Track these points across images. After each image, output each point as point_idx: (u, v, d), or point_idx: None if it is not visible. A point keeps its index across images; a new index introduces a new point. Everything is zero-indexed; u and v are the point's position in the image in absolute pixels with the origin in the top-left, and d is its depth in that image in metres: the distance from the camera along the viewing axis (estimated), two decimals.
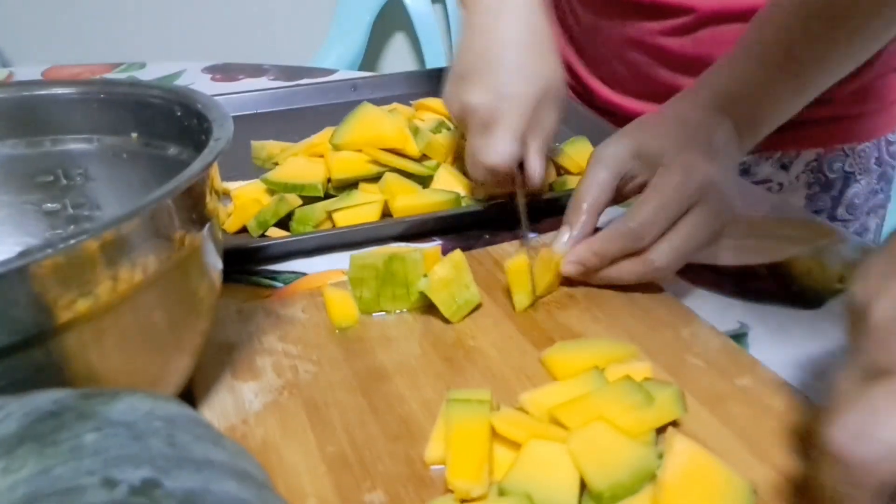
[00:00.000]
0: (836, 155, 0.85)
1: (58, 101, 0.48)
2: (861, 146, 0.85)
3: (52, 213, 0.50)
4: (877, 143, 0.86)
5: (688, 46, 0.80)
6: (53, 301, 0.32)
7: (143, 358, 0.38)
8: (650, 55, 0.83)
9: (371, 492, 0.38)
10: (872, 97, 0.83)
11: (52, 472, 0.22)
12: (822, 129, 0.84)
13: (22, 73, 1.08)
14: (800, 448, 0.40)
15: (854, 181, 0.86)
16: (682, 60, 0.81)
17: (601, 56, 0.88)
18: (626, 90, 0.88)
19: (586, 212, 0.53)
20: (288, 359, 0.48)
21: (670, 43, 0.81)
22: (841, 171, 0.85)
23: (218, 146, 0.39)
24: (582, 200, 0.53)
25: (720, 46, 0.78)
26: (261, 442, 0.42)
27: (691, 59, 0.80)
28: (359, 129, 0.67)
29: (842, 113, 0.83)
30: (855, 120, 0.84)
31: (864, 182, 0.87)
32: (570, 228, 0.53)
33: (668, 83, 0.83)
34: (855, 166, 0.85)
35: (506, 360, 0.47)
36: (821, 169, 0.85)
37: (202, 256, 0.40)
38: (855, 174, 0.86)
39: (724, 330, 0.50)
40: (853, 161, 0.85)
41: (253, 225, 0.62)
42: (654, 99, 0.85)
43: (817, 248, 0.59)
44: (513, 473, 0.37)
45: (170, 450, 0.24)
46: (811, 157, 0.84)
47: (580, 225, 0.53)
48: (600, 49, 0.88)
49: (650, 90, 0.85)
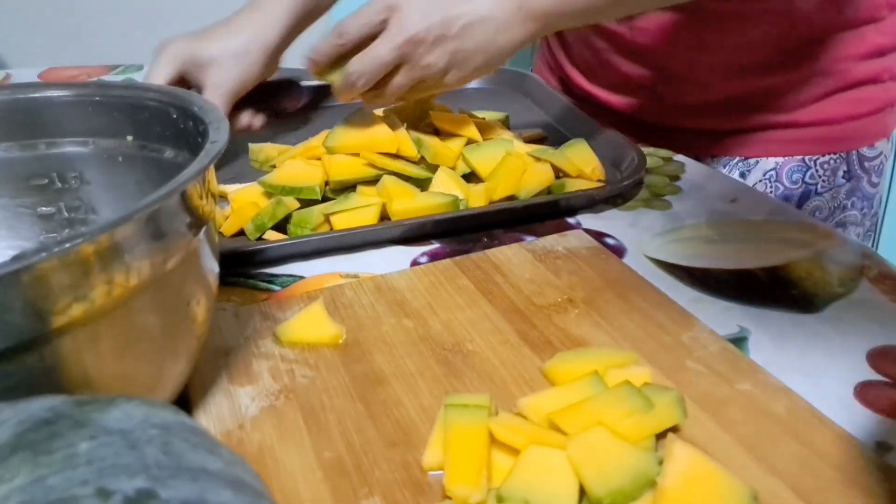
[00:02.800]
0: (797, 165, 0.84)
1: (53, 104, 0.48)
2: (824, 158, 0.84)
3: (47, 217, 0.50)
4: (845, 157, 0.85)
5: (644, 34, 0.82)
6: (48, 306, 0.31)
7: (139, 363, 0.38)
8: (613, 44, 0.85)
9: (368, 498, 0.38)
10: (840, 108, 0.83)
11: (45, 481, 0.22)
12: (782, 137, 0.84)
13: (18, 75, 1.08)
14: (801, 454, 0.40)
15: (815, 194, 0.85)
16: (633, 48, 0.83)
17: (574, 44, 0.91)
18: (595, 79, 0.90)
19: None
20: (285, 363, 0.47)
21: (622, 30, 0.83)
22: (801, 182, 0.85)
23: (214, 149, 0.39)
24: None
25: (668, 36, 0.79)
26: (257, 447, 0.41)
27: (640, 47, 0.83)
28: (352, 133, 0.67)
29: (804, 121, 0.83)
30: (819, 130, 0.83)
31: (827, 196, 0.85)
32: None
33: (624, 71, 0.85)
34: (817, 178, 0.84)
35: (504, 365, 0.47)
36: (779, 178, 0.84)
37: (199, 260, 0.40)
38: (817, 186, 0.85)
39: (723, 334, 0.49)
40: (815, 172, 0.84)
41: (250, 228, 0.62)
42: (615, 89, 0.87)
43: (817, 252, 0.59)
44: (511, 480, 0.37)
45: (165, 458, 0.23)
46: (769, 166, 0.84)
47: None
48: (572, 37, 0.91)
49: (611, 79, 0.87)
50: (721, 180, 0.71)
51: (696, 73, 0.83)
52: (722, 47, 0.80)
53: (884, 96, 0.84)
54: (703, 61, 0.82)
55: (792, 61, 0.80)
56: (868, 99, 0.84)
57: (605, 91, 0.89)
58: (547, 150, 0.70)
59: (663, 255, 0.59)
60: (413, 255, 0.60)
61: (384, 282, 0.55)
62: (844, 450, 0.40)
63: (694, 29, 0.80)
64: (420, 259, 0.60)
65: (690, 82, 0.83)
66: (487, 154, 0.67)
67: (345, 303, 0.53)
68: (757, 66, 0.81)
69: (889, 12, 0.81)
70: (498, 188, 0.64)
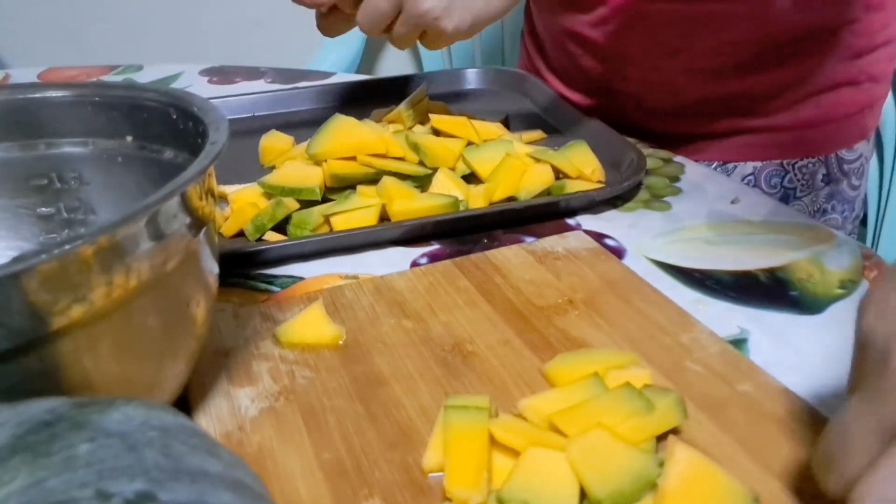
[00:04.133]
0: (775, 169, 0.83)
1: (52, 104, 0.48)
2: (803, 162, 0.83)
3: (47, 217, 0.50)
4: (824, 160, 0.84)
5: (610, 37, 0.81)
6: (47, 307, 0.31)
7: (139, 364, 0.38)
8: (582, 47, 0.85)
9: (368, 499, 0.38)
10: (817, 111, 0.82)
11: (44, 484, 0.22)
12: (758, 141, 0.83)
13: (18, 75, 1.08)
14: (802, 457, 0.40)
15: (794, 198, 0.84)
16: (605, 52, 0.83)
17: (550, 50, 0.91)
18: (571, 83, 0.90)
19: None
20: (284, 364, 0.47)
21: (595, 34, 0.82)
22: (780, 187, 0.84)
23: (214, 150, 0.39)
24: None
25: (634, 38, 0.79)
26: (257, 448, 0.41)
27: (611, 51, 0.82)
28: (336, 137, 0.67)
29: (780, 124, 0.82)
30: (796, 133, 0.83)
31: (807, 200, 0.85)
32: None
33: (597, 75, 0.85)
34: (796, 182, 0.84)
35: (504, 366, 0.47)
36: (757, 183, 0.84)
37: (198, 261, 0.40)
38: (796, 190, 0.84)
39: (723, 335, 0.49)
40: (794, 176, 0.83)
41: (250, 229, 0.61)
42: (590, 93, 0.87)
43: (817, 253, 0.58)
44: (511, 481, 0.37)
45: (165, 461, 0.23)
46: (748, 171, 0.83)
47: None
48: (547, 42, 0.91)
49: (586, 83, 0.87)
50: (721, 181, 0.71)
51: (670, 77, 0.82)
52: (695, 50, 0.80)
53: (861, 98, 0.84)
54: (676, 65, 0.81)
55: (767, 64, 0.79)
56: (845, 101, 0.83)
57: (580, 95, 0.89)
58: (547, 151, 0.70)
59: (663, 256, 0.59)
60: (413, 256, 0.60)
61: (384, 283, 0.55)
62: None
63: (666, 32, 0.79)
64: (420, 260, 0.60)
65: (664, 86, 0.83)
66: (487, 155, 0.67)
67: (344, 304, 0.53)
68: (731, 69, 0.80)
69: (864, 13, 0.80)
70: (498, 189, 0.64)
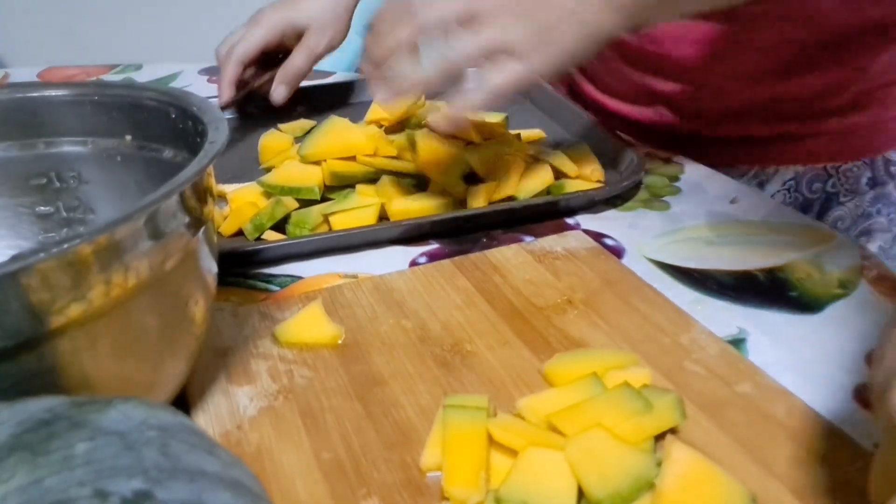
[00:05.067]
0: (818, 174, 0.81)
1: (51, 103, 0.48)
2: (847, 165, 0.81)
3: (46, 216, 0.50)
4: (870, 163, 0.82)
5: (646, 43, 0.80)
6: (46, 306, 0.31)
7: (137, 363, 0.38)
8: (617, 52, 0.83)
9: (366, 499, 0.38)
10: (862, 112, 0.80)
11: (42, 482, 0.22)
12: (801, 146, 0.81)
13: (17, 75, 1.08)
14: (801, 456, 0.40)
15: (837, 203, 0.82)
16: (641, 56, 0.81)
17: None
18: (604, 88, 0.89)
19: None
20: (283, 363, 0.47)
21: (631, 39, 0.81)
22: (822, 192, 0.82)
23: (213, 149, 0.39)
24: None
25: (674, 43, 0.78)
26: (255, 448, 0.41)
27: (649, 55, 0.81)
28: (328, 139, 0.67)
29: (827, 128, 0.80)
30: (840, 137, 0.81)
31: (850, 205, 0.83)
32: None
33: (635, 81, 0.84)
34: (839, 186, 0.82)
35: (503, 365, 0.47)
36: (798, 188, 0.82)
37: (197, 260, 0.40)
38: (839, 195, 0.82)
39: (722, 335, 0.49)
40: (837, 181, 0.82)
41: (249, 228, 0.61)
42: (624, 98, 0.86)
43: (817, 253, 0.58)
44: (510, 481, 0.37)
45: (163, 460, 0.23)
46: (789, 176, 0.82)
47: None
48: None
49: (618, 88, 0.86)
50: (720, 181, 0.71)
51: (712, 81, 0.79)
52: (739, 52, 0.77)
53: None
54: (719, 68, 0.78)
55: (814, 64, 0.77)
56: (894, 102, 0.81)
57: (613, 100, 0.87)
58: (546, 150, 0.70)
59: (662, 256, 0.59)
60: (412, 256, 0.60)
61: (383, 282, 0.55)
62: (843, 452, 0.40)
63: (708, 34, 0.77)
64: (419, 259, 0.60)
65: (705, 90, 0.80)
66: (487, 154, 0.67)
67: (343, 303, 0.53)
68: (776, 71, 0.78)
69: None
70: (497, 189, 0.64)
